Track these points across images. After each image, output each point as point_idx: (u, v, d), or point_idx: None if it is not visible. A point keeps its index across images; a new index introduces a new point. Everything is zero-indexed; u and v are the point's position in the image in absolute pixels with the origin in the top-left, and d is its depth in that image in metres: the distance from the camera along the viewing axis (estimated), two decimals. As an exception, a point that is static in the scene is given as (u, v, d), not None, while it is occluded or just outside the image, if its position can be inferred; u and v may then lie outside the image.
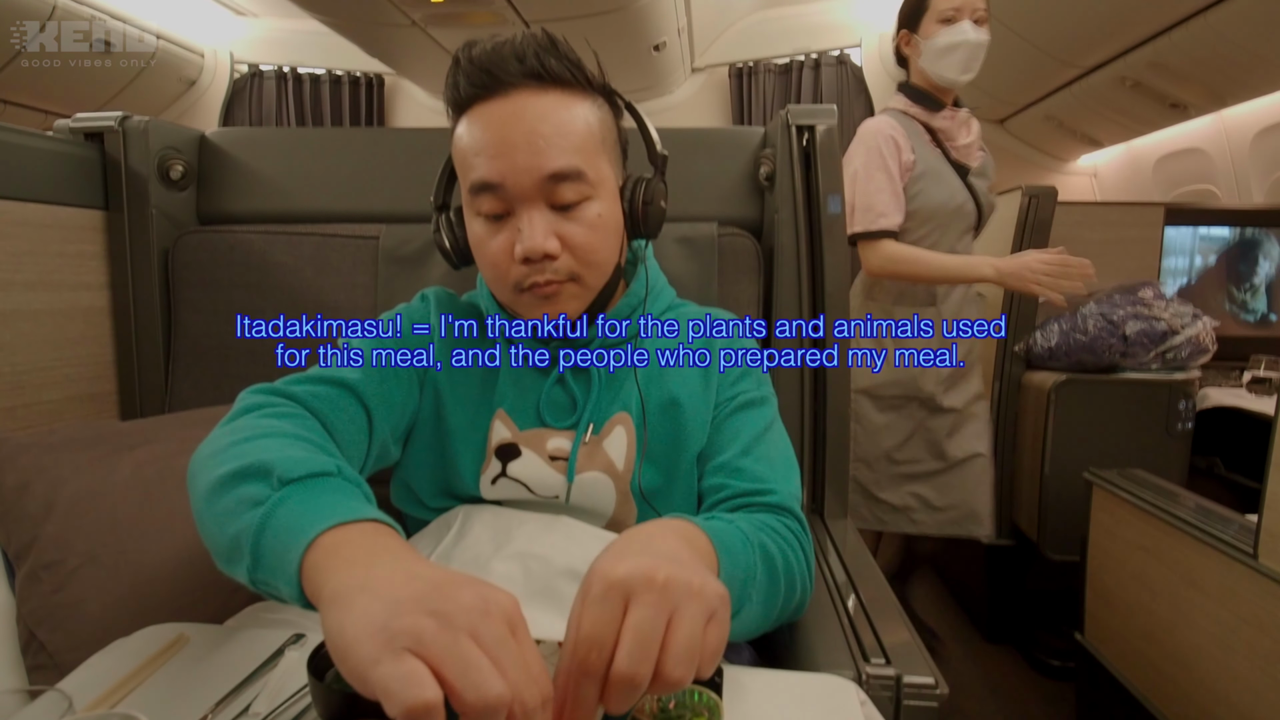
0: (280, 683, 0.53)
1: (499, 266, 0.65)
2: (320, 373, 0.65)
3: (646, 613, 0.39)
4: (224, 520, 0.48)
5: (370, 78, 3.99)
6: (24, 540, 0.74)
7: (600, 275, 0.68)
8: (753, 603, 0.56)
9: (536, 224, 0.62)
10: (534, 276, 0.64)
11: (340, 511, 0.44)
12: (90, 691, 0.52)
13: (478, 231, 0.66)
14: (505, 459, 0.69)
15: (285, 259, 1.06)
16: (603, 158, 0.66)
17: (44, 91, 3.09)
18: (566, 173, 0.62)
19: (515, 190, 0.62)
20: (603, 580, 0.40)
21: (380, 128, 3.93)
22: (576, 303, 0.67)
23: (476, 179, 0.63)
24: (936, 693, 0.60)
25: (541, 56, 0.63)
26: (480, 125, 0.63)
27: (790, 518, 0.66)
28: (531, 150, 0.61)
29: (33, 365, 0.95)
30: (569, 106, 0.64)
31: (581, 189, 0.64)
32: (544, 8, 2.54)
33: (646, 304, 0.73)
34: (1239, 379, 2.00)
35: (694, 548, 0.50)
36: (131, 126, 1.06)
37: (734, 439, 0.71)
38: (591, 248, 0.65)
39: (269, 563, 0.44)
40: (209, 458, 0.53)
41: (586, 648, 0.38)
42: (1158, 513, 1.19)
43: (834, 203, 1.00)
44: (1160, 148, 2.93)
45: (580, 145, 0.64)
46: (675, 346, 0.75)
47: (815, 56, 3.65)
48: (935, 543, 1.93)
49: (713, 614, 0.41)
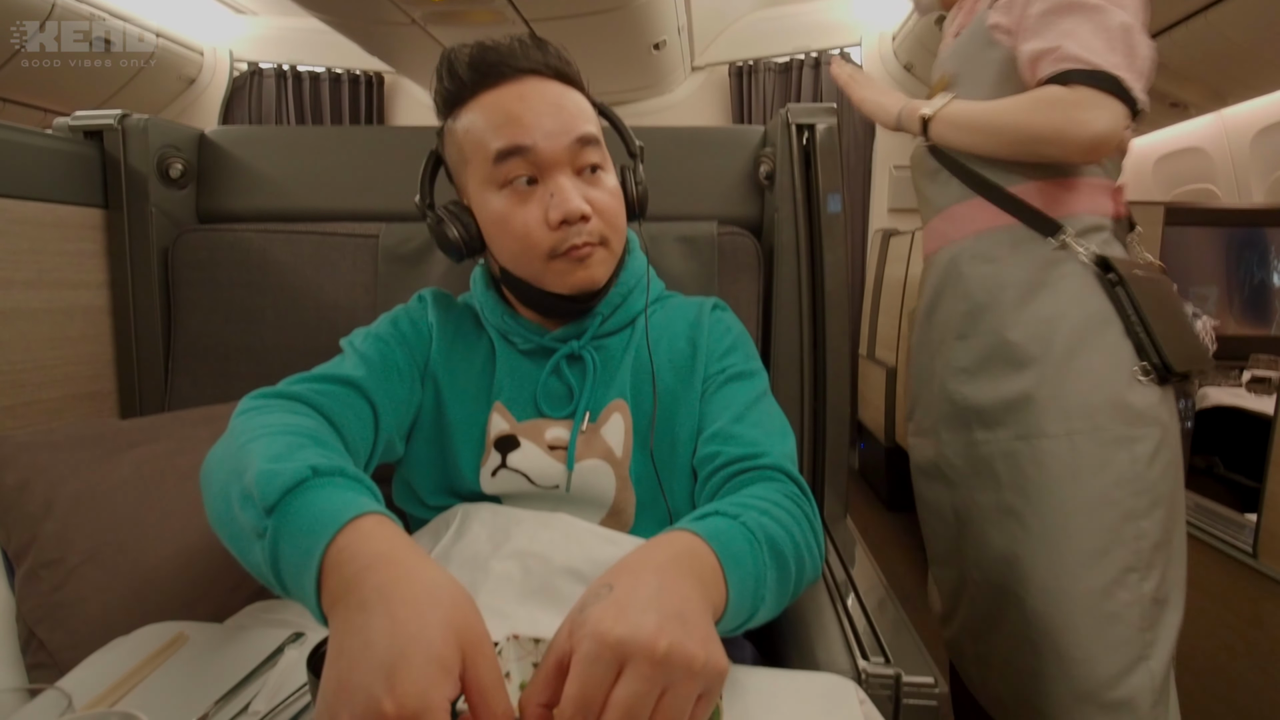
0: (280, 681, 0.53)
1: (530, 236, 0.66)
2: (324, 371, 0.66)
3: (639, 687, 0.37)
4: (241, 547, 0.49)
5: (370, 76, 3.98)
6: (24, 539, 0.74)
7: (621, 241, 0.71)
8: (765, 603, 0.54)
9: (571, 187, 0.65)
10: (572, 239, 0.65)
11: (319, 528, 0.43)
12: (89, 690, 0.52)
13: (499, 207, 0.67)
14: (505, 450, 0.70)
15: (285, 257, 1.06)
16: (603, 141, 0.71)
17: (43, 90, 3.09)
18: (591, 136, 0.67)
19: (547, 153, 0.65)
20: (599, 640, 0.38)
21: (380, 126, 3.92)
22: (604, 268, 0.69)
23: (502, 145, 0.64)
24: (936, 691, 0.60)
25: (541, 52, 0.67)
26: (494, 105, 0.66)
27: (788, 482, 0.64)
28: (557, 118, 0.65)
29: (32, 364, 0.95)
30: (572, 93, 0.69)
31: (600, 156, 0.68)
32: (544, 6, 2.54)
33: (635, 292, 0.76)
34: (1239, 378, 2.00)
35: (702, 578, 0.46)
36: (131, 125, 1.05)
37: (725, 408, 0.71)
38: (615, 212, 0.69)
39: (297, 595, 0.45)
40: (210, 472, 0.53)
41: (574, 710, 0.37)
42: (1157, 512, 1.18)
43: (834, 201, 1.00)
44: (1160, 146, 2.94)
45: (592, 118, 0.69)
46: (665, 333, 0.76)
47: (815, 55, 3.64)
48: None
49: (706, 691, 0.40)
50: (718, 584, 0.48)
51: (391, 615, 0.37)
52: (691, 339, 0.75)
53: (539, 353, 0.74)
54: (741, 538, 0.53)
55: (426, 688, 0.35)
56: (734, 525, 0.54)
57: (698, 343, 0.75)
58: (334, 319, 1.05)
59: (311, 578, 0.42)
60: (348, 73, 3.95)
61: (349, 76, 3.96)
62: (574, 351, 0.73)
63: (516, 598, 0.60)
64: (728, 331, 0.77)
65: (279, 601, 0.72)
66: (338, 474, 0.49)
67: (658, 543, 0.49)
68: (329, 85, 3.95)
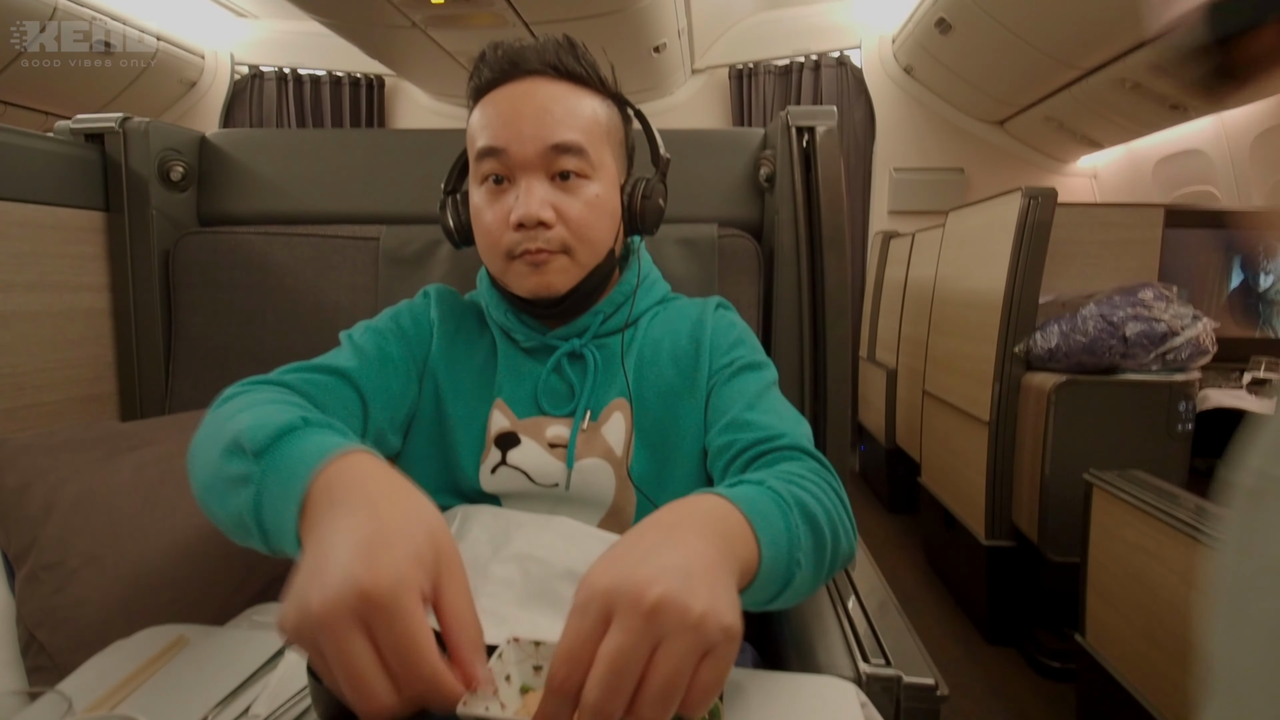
0: (280, 684, 0.53)
1: (493, 233, 0.67)
2: (315, 362, 0.66)
3: (625, 639, 0.34)
4: (224, 502, 0.48)
5: (370, 79, 3.99)
6: (24, 541, 0.74)
7: (592, 254, 0.69)
8: (802, 568, 0.50)
9: (534, 191, 0.65)
10: (526, 244, 0.66)
11: (310, 459, 0.43)
12: (90, 693, 0.52)
13: (476, 201, 0.69)
14: (505, 447, 0.70)
15: (285, 260, 1.07)
16: (606, 147, 0.70)
17: (44, 92, 3.09)
18: (569, 145, 0.66)
19: (518, 156, 0.65)
20: (586, 588, 0.36)
21: (380, 129, 3.93)
22: (565, 276, 0.68)
23: (482, 145, 0.66)
24: (937, 694, 0.60)
25: (561, 54, 0.68)
26: (494, 103, 0.67)
27: (810, 459, 0.62)
28: (538, 122, 0.65)
29: (33, 366, 0.95)
30: (580, 96, 0.68)
31: (582, 165, 0.67)
32: (544, 9, 2.55)
33: (638, 292, 0.75)
34: (1239, 380, 1.99)
35: (724, 535, 0.43)
36: (132, 128, 1.06)
37: (737, 398, 0.70)
38: (586, 223, 0.67)
39: (275, 534, 0.44)
40: (195, 449, 0.54)
41: (560, 663, 0.35)
42: (1158, 514, 1.19)
43: (834, 203, 1.00)
44: (1160, 149, 2.94)
45: (586, 127, 0.67)
46: (668, 332, 0.76)
47: (815, 58, 3.65)
48: None
49: (710, 649, 0.35)
50: (746, 541, 0.45)
51: (376, 513, 0.38)
52: (695, 336, 0.75)
53: (540, 350, 0.74)
54: (770, 500, 0.50)
55: (406, 572, 0.34)
56: (760, 489, 0.51)
57: (701, 340, 0.75)
58: (334, 321, 1.05)
59: (295, 505, 0.41)
60: (348, 76, 3.95)
61: (349, 79, 3.96)
62: (575, 350, 0.73)
63: (516, 601, 0.60)
64: (732, 326, 0.77)
65: (279, 604, 0.72)
66: (328, 426, 0.50)
67: (676, 504, 0.45)
68: (329, 88, 3.96)
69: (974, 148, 3.59)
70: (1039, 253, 1.81)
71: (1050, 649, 1.83)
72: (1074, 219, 1.98)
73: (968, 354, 2.08)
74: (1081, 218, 2.01)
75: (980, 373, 1.96)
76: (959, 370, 2.17)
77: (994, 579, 1.97)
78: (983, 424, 1.94)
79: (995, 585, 1.98)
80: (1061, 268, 1.98)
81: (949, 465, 2.25)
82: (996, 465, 1.90)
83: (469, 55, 3.23)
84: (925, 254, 2.67)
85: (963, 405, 2.11)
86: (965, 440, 2.08)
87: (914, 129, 3.63)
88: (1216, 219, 2.23)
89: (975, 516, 2.00)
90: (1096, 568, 1.41)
